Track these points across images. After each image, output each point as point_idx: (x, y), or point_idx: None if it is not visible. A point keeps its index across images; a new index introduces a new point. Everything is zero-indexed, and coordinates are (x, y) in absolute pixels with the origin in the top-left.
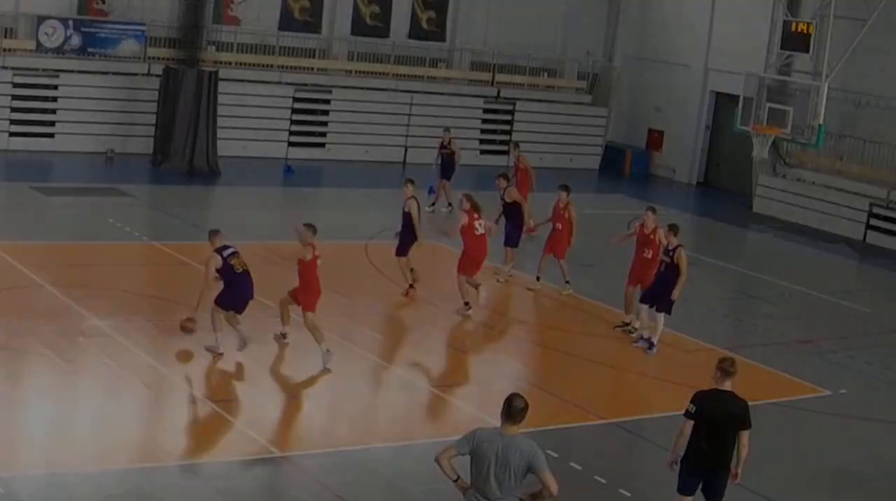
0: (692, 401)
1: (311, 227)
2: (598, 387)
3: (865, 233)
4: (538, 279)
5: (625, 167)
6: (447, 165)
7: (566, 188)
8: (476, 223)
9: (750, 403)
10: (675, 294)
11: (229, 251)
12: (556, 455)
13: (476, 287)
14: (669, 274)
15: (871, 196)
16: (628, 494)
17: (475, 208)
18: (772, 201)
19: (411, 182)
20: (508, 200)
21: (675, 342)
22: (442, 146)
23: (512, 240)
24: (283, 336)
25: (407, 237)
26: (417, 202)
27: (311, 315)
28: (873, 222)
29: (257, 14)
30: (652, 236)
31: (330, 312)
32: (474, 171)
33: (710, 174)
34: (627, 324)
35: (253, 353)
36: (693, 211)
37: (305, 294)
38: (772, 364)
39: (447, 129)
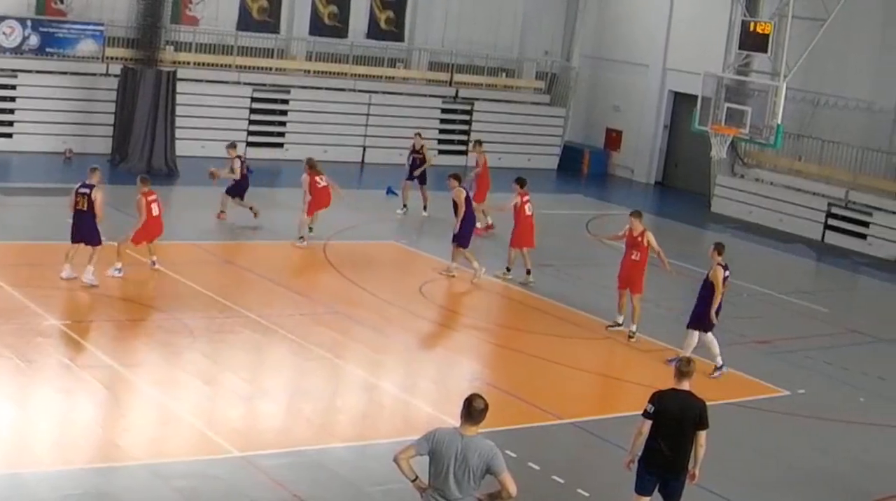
0: (650, 401)
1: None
2: (556, 387)
3: (823, 233)
4: (508, 270)
5: (583, 167)
6: (415, 168)
7: (521, 181)
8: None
9: (708, 403)
10: (711, 312)
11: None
12: (514, 454)
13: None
14: (707, 292)
15: (829, 196)
16: (586, 494)
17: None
18: (730, 201)
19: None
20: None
21: (633, 342)
22: (413, 150)
23: (461, 239)
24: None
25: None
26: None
27: None
28: (831, 222)
29: (216, 14)
30: (640, 239)
31: (288, 311)
32: (433, 171)
33: (669, 174)
34: (620, 324)
35: (211, 353)
36: (651, 211)
37: None
38: (730, 364)
39: (418, 133)
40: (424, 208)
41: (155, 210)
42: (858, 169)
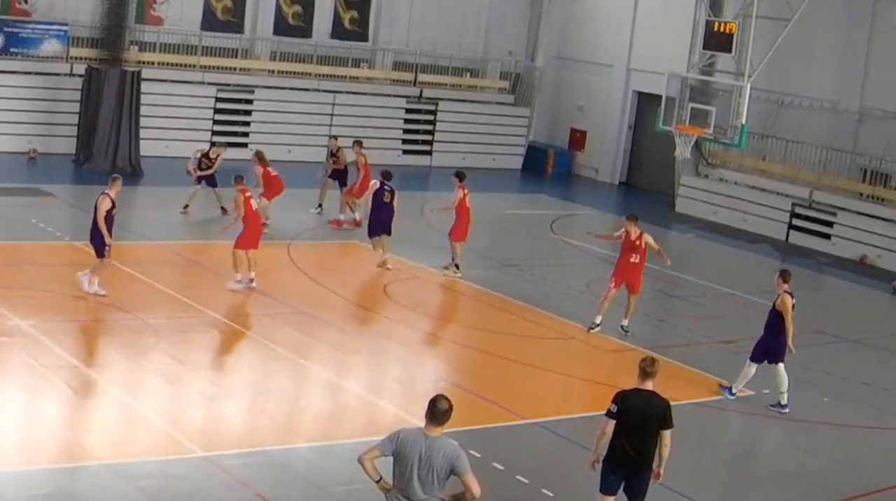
0: (613, 401)
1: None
2: (521, 387)
3: (788, 233)
4: (458, 267)
5: (547, 167)
6: (336, 172)
7: (460, 175)
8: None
9: (672, 403)
10: (789, 341)
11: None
12: (478, 455)
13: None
14: (774, 322)
15: (794, 196)
16: (550, 494)
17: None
18: (694, 201)
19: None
20: None
21: (598, 342)
22: (331, 154)
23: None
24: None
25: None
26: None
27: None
28: (795, 222)
29: (180, 14)
30: (638, 242)
31: (253, 312)
32: (397, 172)
33: (633, 174)
34: (598, 325)
35: (176, 353)
36: (615, 211)
37: None
38: (694, 364)
39: (334, 137)
40: (351, 209)
41: (254, 204)
42: (823, 169)
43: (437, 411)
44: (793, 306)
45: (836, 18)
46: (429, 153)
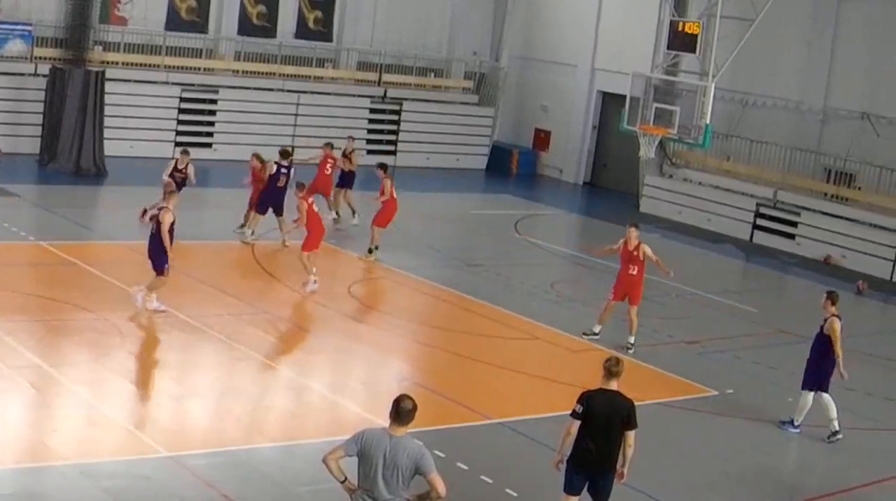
0: (578, 401)
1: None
2: (484, 387)
3: (752, 233)
4: (376, 248)
5: (511, 167)
6: (348, 174)
7: (384, 167)
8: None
9: (637, 403)
10: (843, 373)
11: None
12: (442, 454)
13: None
14: (823, 347)
15: (758, 196)
16: (514, 494)
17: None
18: (658, 201)
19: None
20: None
21: (562, 342)
22: (344, 155)
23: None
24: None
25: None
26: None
27: None
28: (760, 222)
29: (144, 14)
30: (636, 252)
31: (217, 312)
32: (362, 172)
33: (597, 174)
34: (597, 334)
35: (140, 353)
36: (580, 211)
37: None
38: (659, 364)
39: (352, 138)
40: (353, 213)
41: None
42: (787, 169)
43: (401, 411)
44: (840, 329)
45: (801, 19)
46: (393, 153)
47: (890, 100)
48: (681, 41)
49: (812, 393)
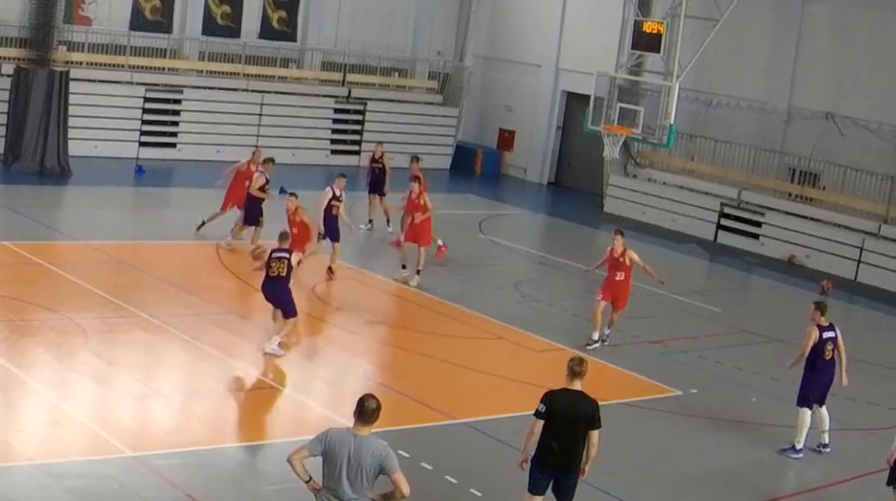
0: (542, 401)
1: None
2: (449, 387)
3: (716, 233)
4: (404, 267)
5: (476, 167)
6: (378, 180)
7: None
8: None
9: (601, 403)
10: (845, 381)
11: (275, 254)
12: (407, 455)
13: None
14: (810, 360)
15: (722, 196)
16: (479, 494)
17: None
18: (623, 201)
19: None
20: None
21: (526, 342)
22: (373, 160)
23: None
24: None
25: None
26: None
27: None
28: (724, 222)
29: (108, 14)
30: (622, 259)
31: (181, 312)
32: (325, 172)
33: (561, 174)
34: (597, 341)
35: (104, 353)
36: (544, 211)
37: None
38: (622, 364)
39: (380, 143)
40: (388, 222)
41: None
42: (751, 169)
43: (365, 410)
44: (827, 340)
45: (765, 19)
46: (357, 153)
47: (854, 100)
48: (645, 41)
49: (808, 409)
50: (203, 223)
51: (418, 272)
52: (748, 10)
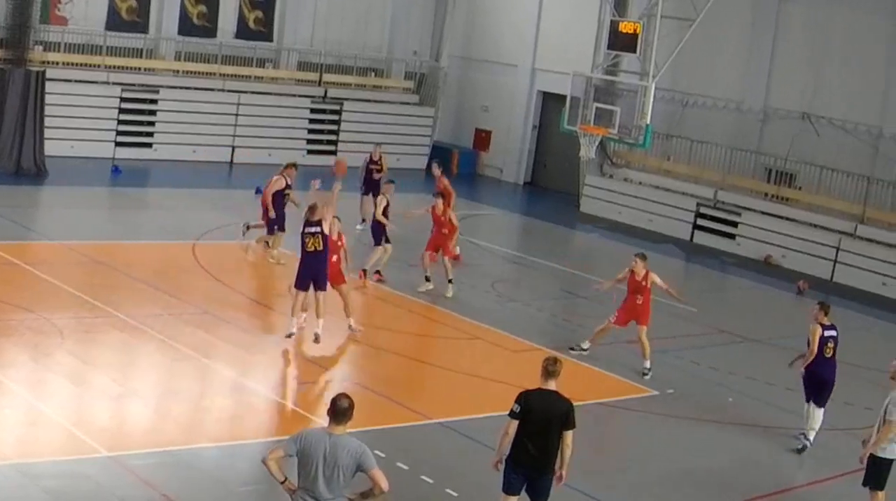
0: (516, 401)
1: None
2: (425, 387)
3: (693, 233)
4: (428, 279)
5: (452, 167)
6: (376, 181)
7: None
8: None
9: (577, 403)
10: (800, 366)
11: (311, 229)
12: (383, 454)
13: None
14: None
15: (698, 196)
16: (455, 494)
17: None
18: (599, 201)
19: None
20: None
21: (502, 342)
22: (371, 161)
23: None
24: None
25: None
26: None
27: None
28: (700, 222)
29: (84, 14)
30: (644, 282)
31: (157, 312)
32: (302, 172)
33: (538, 174)
34: (585, 350)
35: (80, 353)
36: (520, 211)
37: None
38: (599, 364)
39: (379, 144)
40: (363, 220)
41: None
42: (727, 169)
43: (338, 410)
44: (827, 339)
45: (741, 19)
46: (333, 153)
47: (830, 100)
48: (621, 41)
49: (815, 406)
50: (248, 228)
51: (450, 281)
52: (724, 10)
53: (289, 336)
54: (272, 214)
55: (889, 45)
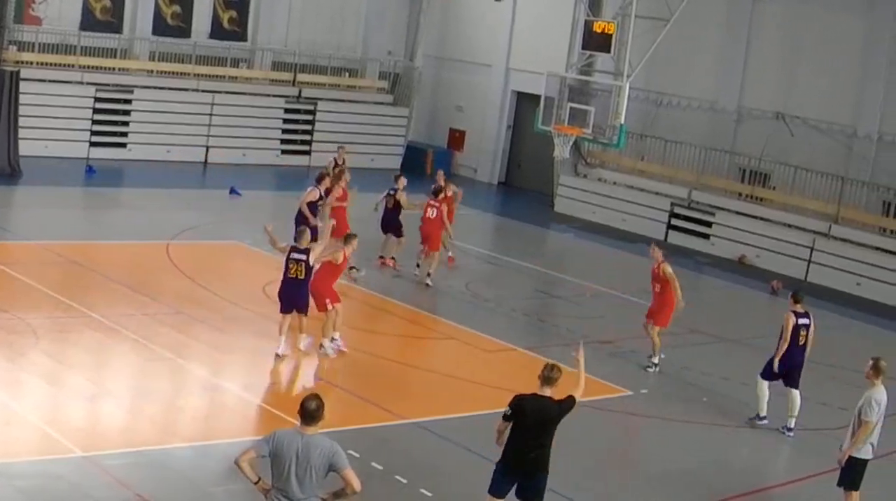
0: (509, 404)
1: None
2: (399, 387)
3: (667, 233)
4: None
5: (426, 167)
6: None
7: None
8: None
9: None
10: (776, 361)
11: (297, 255)
12: (357, 454)
13: None
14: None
15: (673, 196)
16: (429, 494)
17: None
18: (573, 201)
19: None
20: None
21: (476, 342)
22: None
23: None
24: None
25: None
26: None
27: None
28: (674, 222)
29: (58, 14)
30: (657, 270)
31: (131, 312)
32: (276, 172)
33: (512, 174)
34: (657, 364)
35: (54, 353)
36: (494, 211)
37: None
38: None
39: (342, 146)
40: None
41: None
42: (701, 169)
43: (307, 411)
44: (801, 327)
45: (715, 19)
46: (307, 153)
47: (804, 100)
48: (595, 41)
49: (793, 389)
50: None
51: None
52: (698, 10)
53: (277, 354)
54: (313, 223)
55: (863, 45)
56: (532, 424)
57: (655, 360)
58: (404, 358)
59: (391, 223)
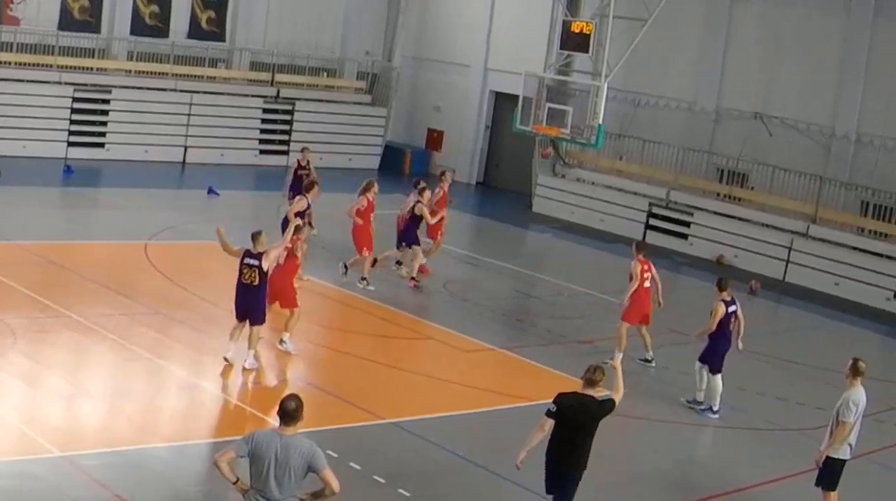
0: (553, 401)
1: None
2: (377, 387)
3: (645, 233)
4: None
5: (404, 167)
6: (300, 182)
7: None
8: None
9: (530, 404)
10: (740, 345)
11: (250, 260)
12: (335, 455)
13: None
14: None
15: (651, 196)
16: (407, 494)
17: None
18: (551, 201)
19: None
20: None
21: (455, 342)
22: (299, 166)
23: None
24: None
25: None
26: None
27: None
28: (653, 222)
29: (36, 14)
30: (646, 266)
31: (109, 312)
32: (254, 172)
33: (490, 174)
34: (650, 360)
35: (32, 353)
36: (472, 211)
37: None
38: (552, 364)
39: (305, 148)
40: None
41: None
42: (680, 169)
43: (286, 411)
44: (733, 314)
45: (693, 19)
46: (286, 153)
47: (782, 101)
48: (573, 41)
49: (719, 375)
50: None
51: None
52: (676, 11)
53: (225, 358)
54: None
55: (841, 45)
56: (573, 421)
57: (648, 356)
58: (382, 358)
59: (409, 235)
